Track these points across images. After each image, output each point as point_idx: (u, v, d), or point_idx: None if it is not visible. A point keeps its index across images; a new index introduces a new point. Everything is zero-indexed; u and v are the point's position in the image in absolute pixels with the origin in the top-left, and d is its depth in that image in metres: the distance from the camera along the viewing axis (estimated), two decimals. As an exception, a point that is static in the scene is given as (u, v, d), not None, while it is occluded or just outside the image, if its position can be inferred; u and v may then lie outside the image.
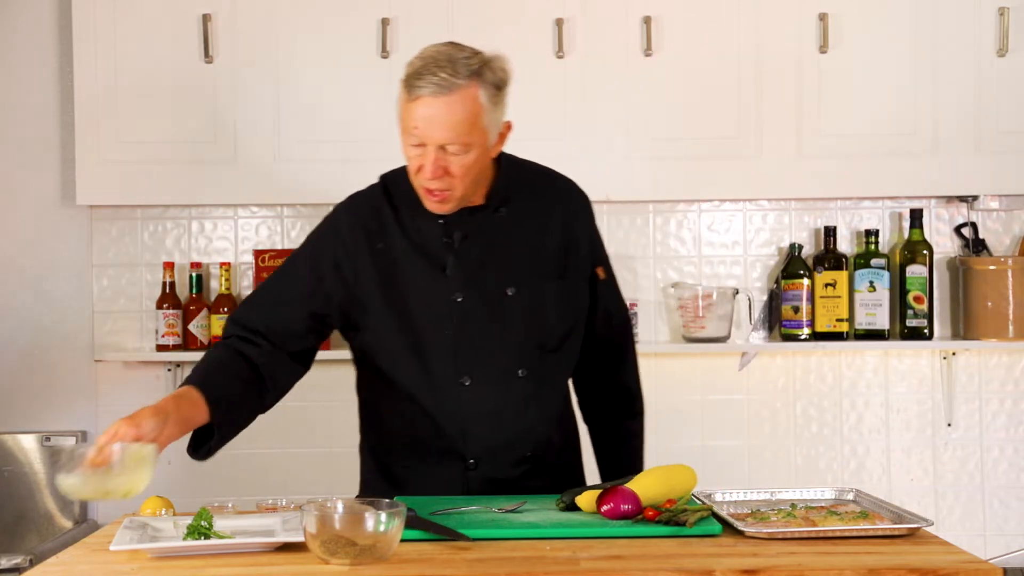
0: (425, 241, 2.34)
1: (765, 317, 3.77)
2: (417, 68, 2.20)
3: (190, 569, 1.84)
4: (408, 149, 2.25)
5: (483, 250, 2.35)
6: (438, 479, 2.37)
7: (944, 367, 3.78)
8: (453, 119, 2.18)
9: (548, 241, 2.40)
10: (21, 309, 3.72)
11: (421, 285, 2.34)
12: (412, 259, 2.34)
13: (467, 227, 2.34)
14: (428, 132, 2.19)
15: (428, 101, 2.18)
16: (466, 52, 2.23)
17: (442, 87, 2.17)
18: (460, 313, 2.33)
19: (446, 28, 3.53)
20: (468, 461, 2.36)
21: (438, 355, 2.33)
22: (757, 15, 3.56)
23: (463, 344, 2.33)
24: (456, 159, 2.22)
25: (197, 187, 3.56)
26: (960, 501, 3.78)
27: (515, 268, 2.36)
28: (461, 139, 2.20)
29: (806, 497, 2.28)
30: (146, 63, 3.53)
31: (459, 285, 2.33)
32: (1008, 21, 3.54)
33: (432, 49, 2.23)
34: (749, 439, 3.79)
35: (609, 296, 2.52)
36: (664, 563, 1.83)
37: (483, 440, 2.36)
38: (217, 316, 3.62)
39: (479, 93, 2.21)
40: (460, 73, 2.18)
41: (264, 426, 3.73)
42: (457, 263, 2.33)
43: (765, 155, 3.56)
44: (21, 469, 3.65)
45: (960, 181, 3.59)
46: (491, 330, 2.33)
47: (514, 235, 2.37)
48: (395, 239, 2.35)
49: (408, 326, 2.34)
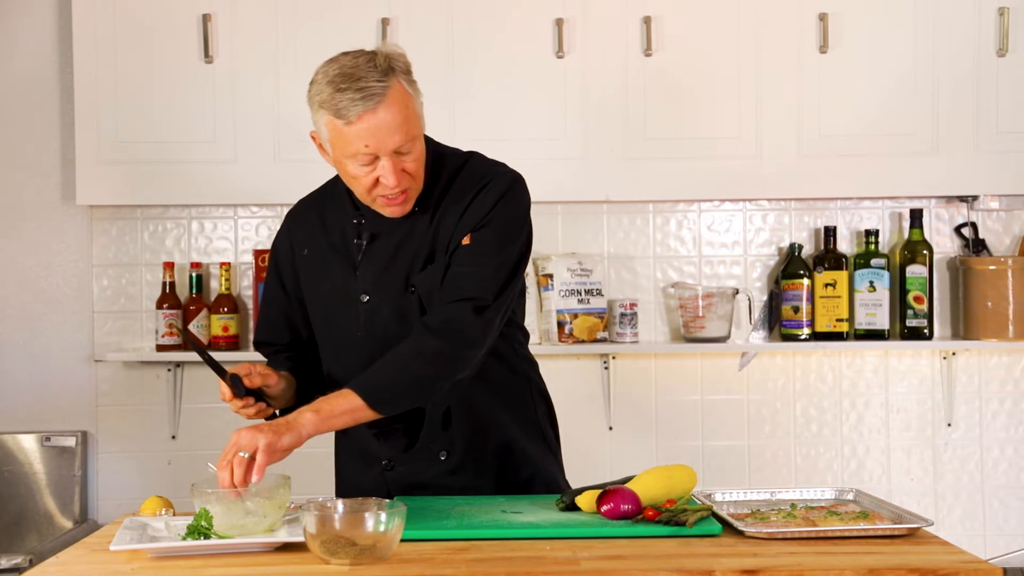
0: (344, 243, 2.36)
1: (765, 317, 3.77)
2: (337, 91, 2.13)
3: (190, 569, 1.84)
4: (355, 170, 2.19)
5: (391, 249, 2.32)
6: (367, 479, 2.39)
7: (944, 367, 3.78)
8: (398, 120, 2.15)
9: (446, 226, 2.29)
10: (21, 309, 3.72)
11: (338, 287, 2.35)
12: (331, 261, 2.36)
13: (377, 227, 2.33)
14: (381, 143, 2.15)
15: (370, 115, 2.13)
16: (363, 56, 2.18)
17: (381, 94, 2.13)
18: (368, 313, 2.32)
19: (446, 28, 3.53)
20: (385, 461, 2.37)
21: (354, 356, 2.33)
22: (757, 15, 3.56)
23: (373, 344, 2.31)
24: (409, 157, 2.20)
25: (197, 187, 3.56)
26: (960, 501, 3.78)
27: (417, 265, 2.30)
28: (411, 135, 2.18)
29: (806, 497, 2.28)
30: (146, 63, 3.54)
31: (366, 285, 2.33)
32: (1008, 21, 3.54)
33: (334, 70, 2.16)
34: (749, 439, 3.79)
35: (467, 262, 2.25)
36: (664, 563, 1.83)
37: (393, 440, 2.35)
38: (217, 316, 3.62)
39: (401, 84, 2.18)
40: (380, 75, 2.15)
41: (264, 426, 3.74)
42: (365, 264, 2.33)
43: (765, 155, 3.56)
44: (21, 469, 3.65)
45: (960, 181, 3.60)
46: (395, 330, 2.29)
47: (423, 231, 2.30)
48: (319, 244, 2.38)
49: (330, 328, 2.38)
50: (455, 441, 2.35)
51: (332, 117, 2.15)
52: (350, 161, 2.19)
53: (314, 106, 2.19)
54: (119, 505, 3.64)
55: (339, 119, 2.14)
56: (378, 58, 2.17)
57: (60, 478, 3.65)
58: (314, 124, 2.23)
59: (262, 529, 2.01)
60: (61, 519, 3.64)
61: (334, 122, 2.15)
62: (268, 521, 2.01)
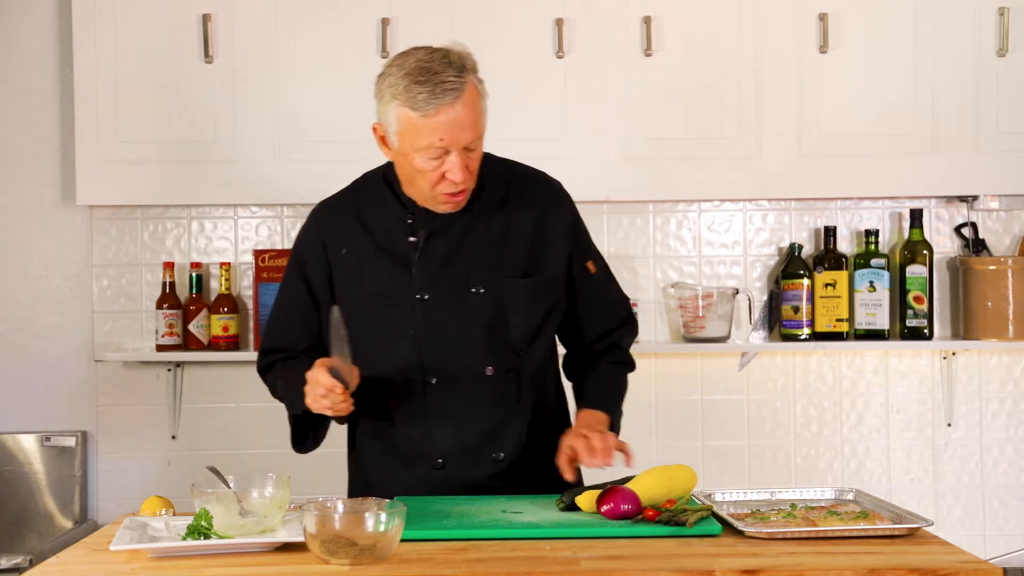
0: (391, 241, 2.35)
1: (765, 317, 3.77)
2: (415, 84, 2.16)
3: (190, 569, 1.84)
4: (423, 164, 2.22)
5: (449, 248, 2.33)
6: (408, 482, 2.36)
7: (944, 367, 3.78)
8: (472, 116, 2.20)
9: (518, 238, 2.37)
10: (21, 309, 3.72)
11: (387, 285, 2.34)
12: (377, 260, 2.35)
13: (433, 225, 2.34)
14: (455, 138, 2.19)
15: (448, 108, 2.16)
16: (437, 53, 2.21)
17: (458, 89, 2.17)
18: (424, 312, 2.32)
19: (446, 28, 3.53)
20: (435, 461, 2.35)
21: (404, 354, 2.33)
22: (757, 15, 3.56)
23: (428, 343, 2.32)
24: (474, 154, 2.25)
25: (197, 187, 3.56)
26: (960, 501, 3.78)
27: (481, 266, 2.34)
28: (478, 132, 2.23)
29: (806, 497, 2.28)
30: (146, 63, 3.53)
31: (424, 284, 2.32)
32: (1008, 21, 3.54)
33: (411, 64, 2.19)
34: (749, 439, 3.79)
35: (606, 289, 2.50)
36: (664, 563, 1.83)
37: (448, 439, 2.34)
38: (217, 316, 3.62)
39: (473, 82, 2.22)
40: (456, 72, 2.18)
41: (264, 426, 3.75)
42: (422, 262, 2.33)
43: (765, 155, 3.56)
44: (21, 469, 3.65)
45: (960, 181, 3.60)
46: (456, 328, 2.32)
47: (481, 232, 2.35)
48: (360, 242, 2.36)
49: (375, 327, 2.34)
50: (509, 442, 2.36)
51: (407, 110, 2.18)
52: (419, 154, 2.21)
53: (385, 98, 2.22)
54: (119, 505, 3.64)
55: (415, 111, 2.17)
56: (452, 56, 2.21)
57: (60, 478, 3.65)
58: (380, 116, 2.26)
59: (262, 529, 2.01)
60: (61, 519, 3.64)
61: (409, 115, 2.18)
62: (268, 521, 2.01)
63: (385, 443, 2.40)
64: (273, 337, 2.48)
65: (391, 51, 3.51)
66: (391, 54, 3.51)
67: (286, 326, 2.46)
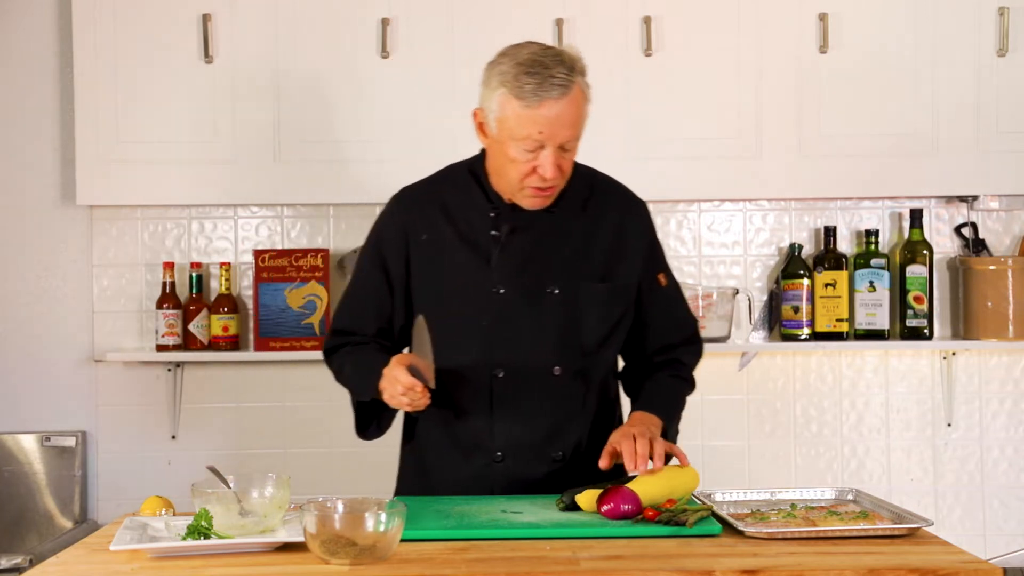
0: (473, 232, 2.37)
1: (765, 317, 3.77)
2: (526, 73, 2.19)
3: (190, 569, 1.84)
4: (517, 154, 2.24)
5: (530, 246, 2.36)
6: (466, 472, 2.37)
7: (944, 367, 3.78)
8: (575, 116, 2.23)
9: (597, 243, 2.40)
10: (21, 309, 3.72)
11: (464, 276, 2.36)
12: (458, 249, 2.37)
13: (516, 221, 2.36)
14: (553, 133, 2.21)
15: (552, 104, 2.19)
16: (554, 49, 2.25)
17: (566, 87, 2.20)
18: (499, 305, 2.34)
19: (446, 28, 3.53)
20: (495, 454, 2.36)
21: (474, 345, 2.35)
22: (757, 15, 3.56)
23: (499, 336, 2.34)
24: (568, 155, 2.27)
25: (197, 187, 3.56)
26: (960, 501, 3.78)
27: (560, 267, 2.36)
28: (578, 134, 2.26)
29: (806, 497, 2.28)
30: (146, 63, 3.54)
31: (502, 278, 2.35)
32: (1008, 21, 3.54)
33: (524, 55, 2.23)
34: (749, 439, 3.79)
35: (674, 304, 2.52)
36: (664, 563, 1.83)
37: (510, 434, 2.36)
38: (217, 316, 3.62)
39: (581, 85, 2.25)
40: (567, 70, 2.21)
41: (264, 426, 3.75)
42: (502, 256, 2.35)
43: (765, 155, 3.56)
44: (21, 469, 3.65)
45: (960, 181, 3.60)
46: (528, 326, 2.34)
47: (563, 234, 2.38)
48: (441, 230, 2.38)
49: (447, 315, 2.36)
50: (570, 443, 2.38)
51: (513, 97, 2.21)
52: (515, 144, 2.23)
53: (492, 84, 2.24)
54: (119, 505, 3.64)
55: (520, 100, 2.20)
56: (564, 55, 2.24)
57: (60, 478, 3.65)
58: (483, 101, 2.29)
59: (262, 529, 2.01)
60: (61, 519, 3.64)
61: (513, 103, 2.21)
62: (268, 521, 2.01)
63: (447, 433, 2.40)
64: (344, 319, 2.49)
65: (391, 51, 3.52)
66: (391, 54, 3.52)
67: (358, 309, 2.47)
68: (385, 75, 3.53)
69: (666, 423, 2.37)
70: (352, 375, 2.42)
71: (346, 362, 2.44)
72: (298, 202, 3.68)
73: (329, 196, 3.62)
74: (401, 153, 3.53)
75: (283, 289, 3.63)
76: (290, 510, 2.11)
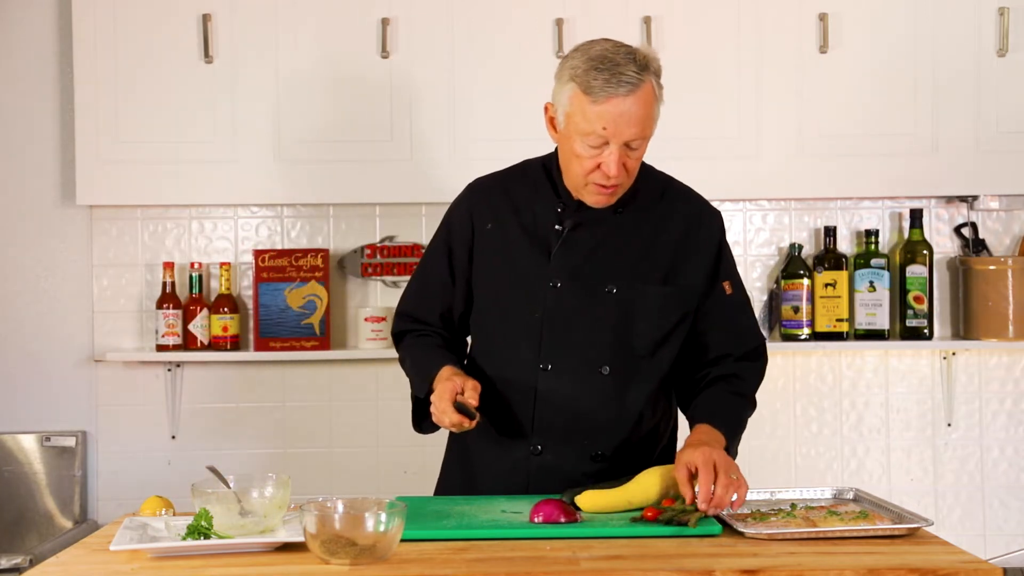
0: (537, 225, 2.38)
1: (765, 317, 3.77)
2: (596, 68, 2.19)
3: (190, 569, 1.84)
4: (582, 149, 2.24)
5: (592, 243, 2.36)
6: (506, 461, 2.38)
7: (944, 367, 3.78)
8: (642, 115, 2.22)
9: (662, 246, 2.38)
10: (21, 309, 3.72)
11: (524, 267, 2.37)
12: (520, 241, 2.38)
13: (581, 218, 2.36)
14: (619, 130, 2.21)
15: (619, 100, 2.19)
16: (627, 47, 2.24)
17: (634, 84, 2.19)
18: (555, 299, 2.34)
19: (446, 28, 3.53)
20: (535, 447, 2.36)
21: (525, 336, 2.35)
22: (757, 15, 3.56)
23: (551, 330, 2.34)
24: (634, 154, 2.27)
25: (197, 187, 3.56)
26: (960, 501, 3.78)
27: (619, 267, 2.35)
28: (645, 134, 2.25)
29: (806, 497, 2.28)
30: (146, 63, 3.54)
31: (559, 272, 2.35)
32: (1008, 21, 3.54)
33: (596, 50, 2.23)
34: (749, 439, 3.75)
35: (738, 314, 2.46)
36: (664, 563, 1.83)
37: (551, 428, 2.35)
38: (217, 316, 3.62)
39: (652, 84, 2.24)
40: (637, 68, 2.20)
41: (264, 426, 3.75)
42: (562, 251, 2.35)
43: (765, 155, 3.56)
44: (21, 469, 3.65)
45: (960, 181, 3.60)
46: (582, 322, 2.34)
47: (627, 235, 2.37)
48: (506, 220, 2.40)
49: (503, 305, 2.38)
50: (612, 443, 2.36)
51: (580, 92, 2.21)
52: (581, 139, 2.23)
53: (564, 77, 2.25)
54: (119, 505, 3.64)
55: (587, 95, 2.20)
56: (637, 54, 2.23)
57: (60, 478, 3.65)
58: (554, 96, 2.29)
59: (262, 529, 2.01)
60: (61, 519, 3.64)
61: (581, 97, 2.21)
62: (268, 521, 2.02)
63: (491, 419, 2.39)
64: (409, 302, 2.53)
65: (391, 51, 3.52)
66: (391, 54, 3.52)
67: (422, 294, 2.51)
68: (385, 75, 3.53)
69: (728, 441, 2.30)
70: (411, 370, 2.46)
71: (408, 355, 2.48)
72: (298, 202, 3.68)
73: (329, 196, 3.62)
74: (401, 153, 3.53)
75: (283, 289, 3.63)
76: (290, 510, 2.11)
